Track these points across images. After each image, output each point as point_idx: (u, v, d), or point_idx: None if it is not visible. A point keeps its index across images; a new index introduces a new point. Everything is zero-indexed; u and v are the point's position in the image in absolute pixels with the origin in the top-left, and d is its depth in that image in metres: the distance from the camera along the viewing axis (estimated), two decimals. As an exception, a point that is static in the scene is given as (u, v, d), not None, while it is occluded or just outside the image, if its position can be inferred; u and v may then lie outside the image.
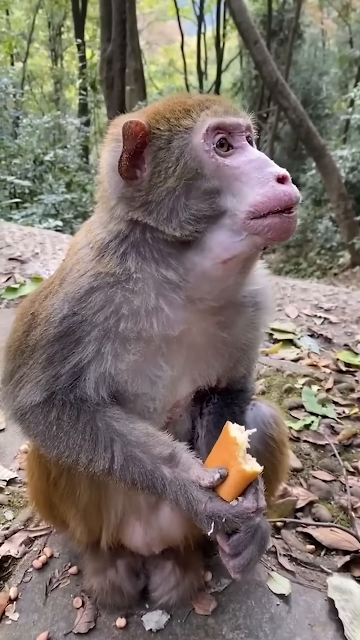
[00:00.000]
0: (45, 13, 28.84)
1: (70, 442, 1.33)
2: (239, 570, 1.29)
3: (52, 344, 1.30)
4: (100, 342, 1.29)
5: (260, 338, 1.57)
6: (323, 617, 1.72)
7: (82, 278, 1.29)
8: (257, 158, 1.21)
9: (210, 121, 1.21)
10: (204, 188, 1.20)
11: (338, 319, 4.12)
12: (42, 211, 11.89)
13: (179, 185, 1.20)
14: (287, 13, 24.46)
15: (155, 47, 39.14)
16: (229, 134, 1.23)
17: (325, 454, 2.50)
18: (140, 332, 1.29)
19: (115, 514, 1.60)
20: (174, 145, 1.22)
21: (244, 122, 1.25)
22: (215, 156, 1.20)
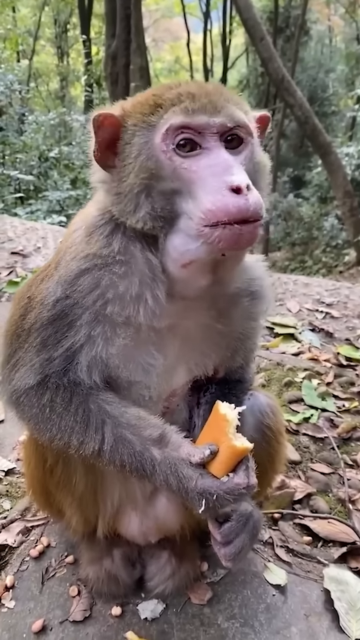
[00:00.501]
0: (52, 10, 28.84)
1: (62, 424, 1.33)
2: (230, 559, 1.30)
3: (45, 327, 1.31)
4: (91, 326, 1.29)
5: (259, 328, 1.56)
6: (319, 607, 1.72)
7: (74, 261, 1.30)
8: (218, 163, 1.15)
9: (172, 120, 1.17)
10: (161, 189, 1.18)
11: (340, 314, 4.11)
12: (47, 207, 11.91)
13: (138, 182, 1.20)
14: (293, 10, 24.33)
15: (162, 44, 39.10)
16: (198, 133, 1.17)
17: (324, 447, 2.49)
18: (129, 318, 1.29)
19: (112, 502, 1.61)
20: (135, 142, 1.21)
21: (216, 122, 1.17)
22: (173, 157, 1.16)
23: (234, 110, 1.21)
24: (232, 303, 1.42)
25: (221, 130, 1.19)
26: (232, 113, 1.20)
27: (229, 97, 1.25)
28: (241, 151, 1.23)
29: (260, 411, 1.64)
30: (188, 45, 29.80)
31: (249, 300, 1.44)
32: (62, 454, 1.49)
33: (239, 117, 1.21)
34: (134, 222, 1.21)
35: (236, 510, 1.34)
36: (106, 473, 1.57)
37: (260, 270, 1.50)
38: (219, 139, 1.19)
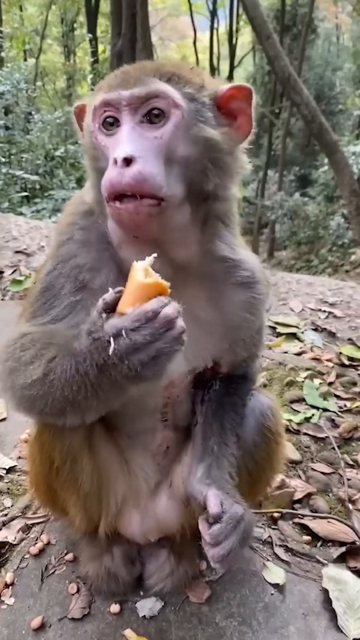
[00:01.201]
0: (59, 9, 28.91)
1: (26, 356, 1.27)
2: (218, 560, 1.29)
3: (37, 298, 1.40)
4: (73, 294, 1.35)
5: (257, 322, 1.52)
6: (317, 606, 1.72)
7: (60, 227, 1.45)
8: (116, 140, 1.18)
9: (95, 100, 1.22)
10: (97, 167, 1.26)
11: (343, 313, 4.09)
12: (53, 206, 11.92)
13: (86, 162, 1.32)
14: (300, 8, 24.23)
15: (168, 42, 39.06)
16: (116, 110, 1.19)
17: (325, 446, 2.49)
18: (104, 288, 1.26)
19: (116, 501, 1.61)
20: (85, 125, 1.31)
21: (125, 95, 1.17)
22: (99, 136, 1.22)
23: (152, 82, 1.18)
24: (219, 290, 1.43)
25: (132, 102, 1.17)
26: (148, 84, 1.17)
27: (158, 70, 1.22)
28: (162, 125, 1.18)
29: (261, 413, 1.64)
30: (195, 44, 29.77)
31: (237, 289, 1.44)
32: (70, 453, 1.49)
33: (155, 88, 1.17)
34: (89, 199, 1.35)
35: (226, 511, 1.32)
36: (112, 470, 1.58)
37: (250, 262, 1.48)
38: (131, 112, 1.18)
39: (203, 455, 1.52)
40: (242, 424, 1.59)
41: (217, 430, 1.54)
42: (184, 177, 1.22)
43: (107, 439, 1.60)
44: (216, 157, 1.25)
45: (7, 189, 11.82)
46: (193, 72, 1.29)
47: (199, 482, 1.46)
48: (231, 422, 1.57)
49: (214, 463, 1.49)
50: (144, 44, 14.96)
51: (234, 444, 1.54)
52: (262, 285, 1.49)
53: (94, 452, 1.54)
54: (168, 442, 1.63)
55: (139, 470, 1.64)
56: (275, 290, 4.53)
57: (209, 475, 1.46)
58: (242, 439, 1.58)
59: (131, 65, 1.29)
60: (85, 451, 1.51)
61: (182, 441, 1.66)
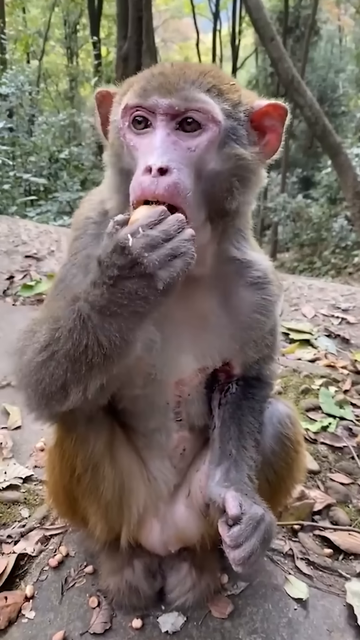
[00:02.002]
0: (62, 11, 28.88)
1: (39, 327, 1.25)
2: (239, 563, 1.25)
3: (52, 290, 1.47)
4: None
5: (269, 323, 1.50)
6: (342, 623, 1.70)
7: (76, 222, 1.49)
8: (149, 144, 1.17)
9: (128, 100, 1.22)
10: (121, 165, 1.28)
11: (356, 319, 4.06)
12: (57, 209, 11.94)
13: (111, 158, 1.33)
14: (303, 10, 24.22)
15: (171, 44, 39.04)
16: (151, 112, 1.20)
17: (343, 456, 2.47)
18: None
19: (137, 509, 1.60)
20: (112, 120, 1.32)
21: (164, 103, 1.16)
22: (127, 135, 1.23)
23: (192, 93, 1.17)
24: (230, 292, 1.43)
25: (169, 111, 1.17)
26: (187, 95, 1.17)
27: (198, 79, 1.20)
28: (197, 136, 1.18)
29: (279, 421, 1.62)
30: (197, 46, 29.78)
31: (248, 290, 1.44)
32: (92, 461, 1.48)
33: (194, 100, 1.17)
34: (107, 198, 1.36)
35: (246, 513, 1.30)
36: (132, 476, 1.57)
37: (261, 263, 1.47)
38: (167, 120, 1.18)
39: (221, 459, 1.50)
40: (261, 429, 1.57)
41: (235, 434, 1.52)
42: (208, 195, 1.21)
43: (127, 443, 1.59)
44: (244, 176, 1.26)
45: (12, 192, 11.83)
46: (232, 87, 1.28)
47: (217, 485, 1.44)
48: (249, 427, 1.55)
49: (232, 466, 1.47)
50: (148, 46, 14.95)
51: (253, 448, 1.52)
52: (273, 286, 1.48)
53: (115, 458, 1.53)
54: (184, 444, 1.62)
55: (158, 473, 1.63)
56: (287, 296, 4.50)
57: (227, 478, 1.44)
58: (260, 446, 1.56)
59: (170, 65, 1.26)
60: (107, 458, 1.50)
61: (198, 444, 1.65)
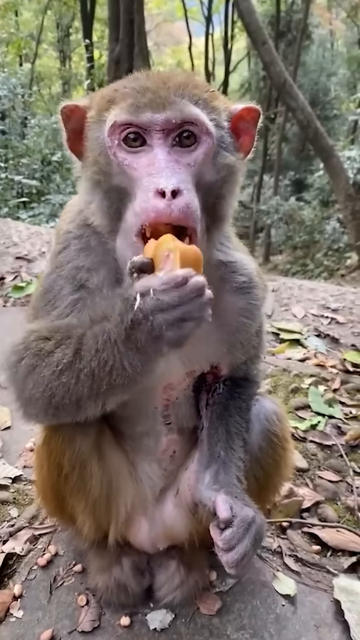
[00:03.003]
0: (54, 14, 28.91)
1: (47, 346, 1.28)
2: (232, 565, 1.27)
3: (38, 301, 1.44)
4: (72, 293, 1.36)
5: (254, 325, 1.53)
6: (329, 618, 1.71)
7: (58, 236, 1.45)
8: (154, 164, 1.16)
9: (117, 117, 1.18)
10: (110, 184, 1.22)
11: (345, 319, 4.09)
12: (50, 211, 11.91)
13: (91, 176, 1.26)
14: (295, 14, 24.39)
15: (163, 48, 39.16)
16: (144, 130, 1.18)
17: (332, 454, 2.48)
18: (100, 288, 1.36)
19: (125, 507, 1.61)
20: (91, 136, 1.26)
21: (160, 119, 1.17)
22: (118, 153, 1.19)
23: (185, 105, 1.19)
24: (217, 297, 1.39)
25: (166, 127, 1.18)
26: (181, 108, 1.18)
27: (186, 90, 1.22)
28: (193, 150, 1.21)
29: (266, 418, 1.63)
30: (190, 49, 29.86)
31: (234, 294, 1.44)
32: (79, 459, 1.48)
33: (189, 113, 1.18)
34: (90, 214, 1.31)
35: (237, 515, 1.31)
36: (120, 475, 1.58)
37: (247, 267, 1.49)
38: (164, 136, 1.18)
39: (210, 462, 1.50)
40: (248, 428, 1.59)
41: (223, 435, 1.53)
42: (205, 205, 1.22)
43: (115, 444, 1.60)
44: (233, 182, 1.31)
45: (4, 194, 11.80)
46: (213, 94, 1.30)
47: (207, 488, 1.45)
48: (237, 427, 1.56)
49: (221, 468, 1.48)
50: (140, 49, 14.99)
51: (241, 448, 1.53)
52: (259, 289, 1.50)
53: (103, 457, 1.53)
54: (174, 447, 1.63)
55: (147, 475, 1.64)
56: (278, 296, 4.53)
57: (216, 480, 1.45)
58: (248, 443, 1.57)
59: (147, 77, 1.25)
60: (94, 456, 1.51)
61: (188, 445, 1.66)
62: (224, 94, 1.35)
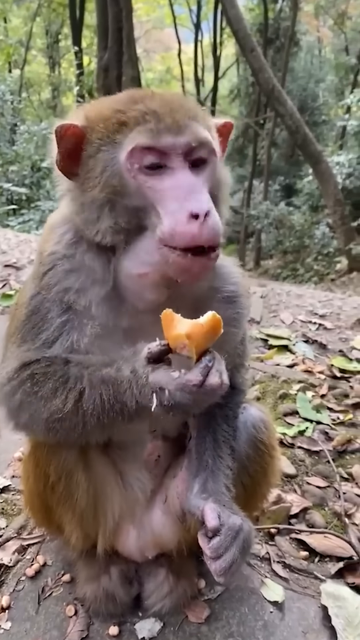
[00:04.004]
0: (43, 21, 29.00)
1: (44, 390, 1.33)
2: (221, 573, 1.28)
3: (24, 323, 1.41)
4: (60, 316, 1.36)
5: (239, 333, 1.55)
6: (316, 624, 1.72)
7: (41, 257, 1.42)
8: (181, 186, 1.18)
9: (138, 141, 1.19)
10: (125, 204, 1.23)
11: (333, 325, 4.13)
12: (39, 218, 11.90)
13: (102, 197, 1.24)
14: (283, 21, 24.62)
15: (153, 54, 39.32)
16: (163, 154, 1.20)
17: (320, 460, 2.50)
18: (88, 309, 1.36)
19: (112, 516, 1.61)
20: (100, 157, 1.24)
21: (181, 143, 1.20)
22: (138, 176, 1.20)
23: (198, 129, 1.24)
24: (203, 307, 1.41)
25: (186, 150, 1.22)
26: (196, 132, 1.23)
27: (193, 113, 1.28)
28: (204, 170, 1.27)
29: (253, 426, 1.64)
30: (179, 56, 30.02)
31: (221, 305, 1.45)
32: (65, 469, 1.50)
33: (203, 136, 1.24)
34: (94, 233, 1.28)
35: (225, 523, 1.32)
36: (107, 483, 1.58)
37: (235, 275, 1.51)
38: (183, 159, 1.22)
39: (198, 471, 1.51)
40: (235, 436, 1.60)
41: (210, 444, 1.54)
42: None
43: (101, 453, 1.60)
44: (226, 191, 1.40)
45: (-6, 201, 11.79)
46: (204, 112, 1.36)
47: (195, 497, 1.45)
48: (224, 435, 1.57)
49: (209, 477, 1.49)
50: (130, 56, 15.08)
51: (229, 456, 1.54)
52: (244, 298, 1.53)
53: (89, 467, 1.54)
54: (158, 451, 1.64)
55: (134, 481, 1.64)
56: (266, 302, 4.56)
57: (205, 489, 1.46)
58: (235, 451, 1.58)
59: (150, 99, 1.26)
60: (80, 466, 1.52)
61: (173, 451, 1.67)
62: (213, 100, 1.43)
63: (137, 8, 25.20)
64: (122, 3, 14.66)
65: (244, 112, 27.39)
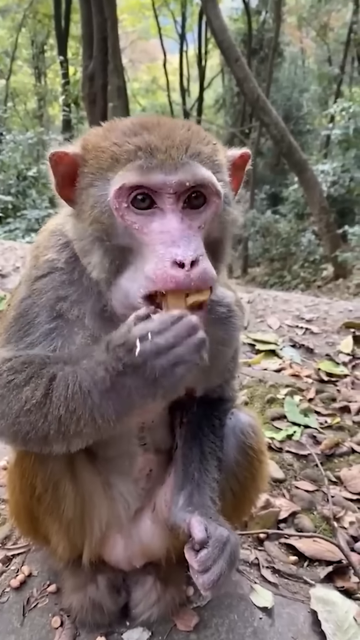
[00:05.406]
0: (29, 32, 29.07)
1: (18, 379, 1.27)
2: (208, 587, 1.26)
3: (12, 324, 1.39)
4: (49, 322, 1.35)
5: (230, 352, 1.55)
6: (306, 629, 1.70)
7: (36, 262, 1.40)
8: (168, 231, 1.14)
9: (126, 179, 1.14)
10: (113, 244, 1.19)
11: (319, 329, 4.15)
12: (26, 226, 11.88)
13: (91, 232, 1.21)
14: (266, 32, 24.97)
15: (139, 64, 39.58)
16: (153, 192, 1.15)
17: (308, 464, 2.49)
18: (81, 319, 1.34)
19: (99, 527, 1.58)
20: (92, 193, 1.21)
21: (172, 182, 1.13)
22: (126, 216, 1.15)
23: (196, 168, 1.17)
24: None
25: (179, 190, 1.16)
26: (193, 171, 1.16)
27: (196, 150, 1.19)
28: (203, 211, 1.21)
29: (242, 431, 1.63)
30: (165, 66, 30.28)
31: (216, 325, 1.44)
32: (52, 480, 1.47)
33: (201, 176, 1.17)
34: (87, 264, 1.27)
35: (212, 536, 1.31)
36: (94, 494, 1.55)
37: (227, 296, 1.50)
38: (175, 199, 1.16)
39: (184, 483, 1.50)
40: (222, 446, 1.58)
41: (197, 455, 1.53)
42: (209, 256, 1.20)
43: (89, 464, 1.57)
44: (234, 230, 1.34)
45: (-21, 210, 11.73)
46: (215, 147, 1.27)
47: (180, 510, 1.44)
48: (211, 446, 1.56)
49: (195, 490, 1.47)
50: (115, 66, 15.16)
51: (215, 468, 1.53)
52: (237, 318, 1.52)
53: (76, 477, 1.51)
54: (151, 466, 1.61)
55: (121, 494, 1.61)
56: (253, 308, 4.57)
57: (190, 502, 1.44)
58: (224, 459, 1.57)
59: (148, 130, 1.19)
60: (67, 476, 1.49)
61: (165, 464, 1.64)
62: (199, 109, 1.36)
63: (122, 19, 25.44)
64: (107, 13, 14.77)
65: (229, 121, 27.64)
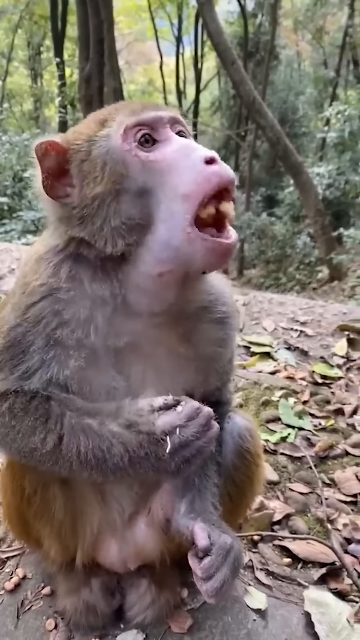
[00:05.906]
0: (25, 33, 29.10)
1: (24, 426, 1.30)
2: (212, 594, 1.26)
3: (1, 352, 1.34)
4: (44, 350, 1.30)
5: (228, 353, 1.55)
6: (300, 631, 1.70)
7: (24, 294, 1.33)
8: (182, 146, 1.20)
9: (126, 121, 1.21)
10: (134, 189, 1.19)
11: (314, 332, 4.16)
12: (22, 227, 11.86)
13: (108, 191, 1.20)
14: (262, 35, 25.08)
15: (135, 66, 39.63)
16: (151, 129, 1.22)
17: (302, 466, 2.50)
18: (80, 340, 1.30)
19: (91, 530, 1.58)
20: (95, 154, 1.22)
21: (166, 115, 1.24)
22: (139, 153, 1.19)
23: (173, 109, 1.32)
24: (195, 327, 1.42)
25: (171, 121, 1.25)
26: (173, 110, 1.31)
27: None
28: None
29: (239, 435, 1.63)
30: (161, 68, 30.35)
31: (212, 326, 1.44)
32: (40, 482, 1.47)
33: (179, 115, 1.31)
34: (103, 243, 1.21)
35: (215, 543, 1.31)
36: (86, 499, 1.54)
37: (226, 296, 1.50)
38: (171, 129, 1.25)
39: (185, 490, 1.49)
40: (221, 450, 1.58)
41: None
42: None
43: None
44: None
45: (-25, 211, 11.71)
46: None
47: (183, 517, 1.44)
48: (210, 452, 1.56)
49: (196, 496, 1.47)
50: (111, 67, 15.17)
51: (215, 473, 1.53)
52: (234, 319, 1.52)
53: (66, 481, 1.50)
54: None
55: (114, 499, 1.60)
56: (248, 310, 4.59)
57: (192, 509, 1.44)
58: (221, 466, 1.57)
59: (130, 101, 1.40)
60: (56, 479, 1.48)
61: None
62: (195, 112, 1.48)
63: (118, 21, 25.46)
64: (104, 15, 14.79)
65: (225, 124, 27.75)
